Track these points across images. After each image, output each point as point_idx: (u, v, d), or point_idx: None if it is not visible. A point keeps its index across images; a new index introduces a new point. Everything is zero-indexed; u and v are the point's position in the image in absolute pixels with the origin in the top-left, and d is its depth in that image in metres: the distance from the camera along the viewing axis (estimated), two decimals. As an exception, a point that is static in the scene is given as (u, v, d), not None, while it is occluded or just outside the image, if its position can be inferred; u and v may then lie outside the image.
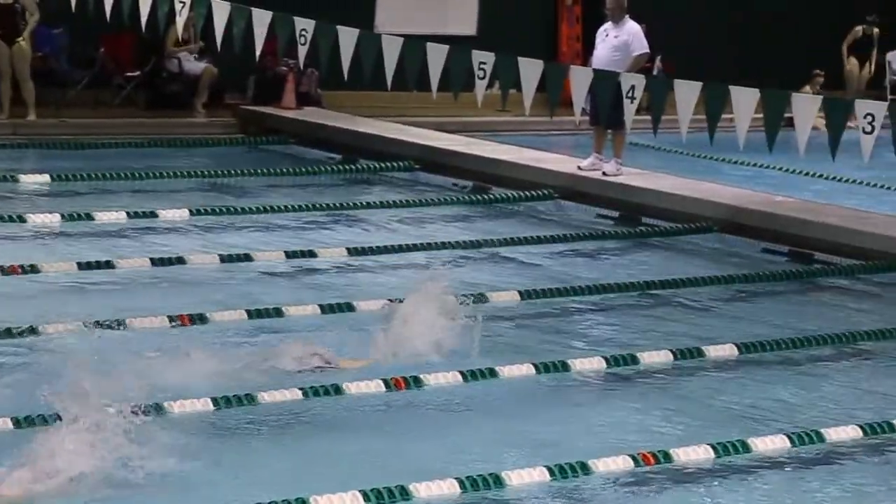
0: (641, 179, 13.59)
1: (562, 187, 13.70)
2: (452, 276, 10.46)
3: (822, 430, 7.19)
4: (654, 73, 18.80)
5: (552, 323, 9.40)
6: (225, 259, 10.46)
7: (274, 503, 5.78)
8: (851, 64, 22.17)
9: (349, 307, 9.14)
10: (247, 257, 10.56)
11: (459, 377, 7.81)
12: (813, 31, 21.88)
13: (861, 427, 7.28)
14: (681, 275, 10.62)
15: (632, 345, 8.65)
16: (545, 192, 13.63)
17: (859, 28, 22.16)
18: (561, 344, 8.71)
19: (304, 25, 12.13)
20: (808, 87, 20.82)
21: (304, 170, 14.80)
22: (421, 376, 7.73)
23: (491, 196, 13.73)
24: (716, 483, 6.64)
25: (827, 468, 6.93)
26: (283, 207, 12.54)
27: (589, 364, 8.23)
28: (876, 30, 22.07)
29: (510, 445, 6.96)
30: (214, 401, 7.13)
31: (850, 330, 9.24)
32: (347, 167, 15.18)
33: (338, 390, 7.44)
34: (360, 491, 5.99)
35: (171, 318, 8.61)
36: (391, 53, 11.68)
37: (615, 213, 13.08)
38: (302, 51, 12.28)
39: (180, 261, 10.28)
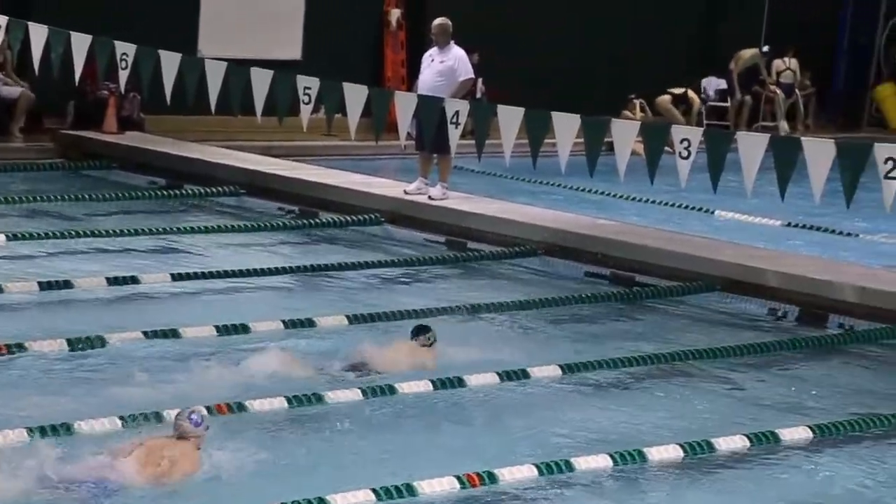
0: (467, 203, 13.70)
1: (388, 212, 13.73)
2: (277, 301, 10.48)
3: (644, 450, 7.33)
4: (478, 97, 19.00)
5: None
6: (44, 286, 10.21)
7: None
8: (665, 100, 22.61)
9: (174, 333, 9.03)
10: (67, 284, 10.32)
11: (285, 402, 7.78)
12: (632, 58, 22.36)
13: (681, 446, 7.44)
14: (505, 298, 10.73)
15: (457, 367, 8.69)
16: (372, 216, 13.64)
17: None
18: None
19: (125, 49, 11.97)
20: (627, 112, 21.30)
21: (126, 195, 14.55)
22: (244, 402, 7.68)
23: (317, 221, 13.69)
24: (540, 502, 6.71)
25: (648, 484, 7.06)
26: (105, 233, 12.30)
27: (416, 387, 8.25)
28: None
29: (334, 467, 6.95)
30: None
31: (670, 350, 9.45)
32: (172, 192, 14.98)
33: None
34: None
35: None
36: (215, 77, 11.59)
37: (441, 238, 13.16)
38: (123, 75, 12.11)
39: (-3, 288, 10.04)
